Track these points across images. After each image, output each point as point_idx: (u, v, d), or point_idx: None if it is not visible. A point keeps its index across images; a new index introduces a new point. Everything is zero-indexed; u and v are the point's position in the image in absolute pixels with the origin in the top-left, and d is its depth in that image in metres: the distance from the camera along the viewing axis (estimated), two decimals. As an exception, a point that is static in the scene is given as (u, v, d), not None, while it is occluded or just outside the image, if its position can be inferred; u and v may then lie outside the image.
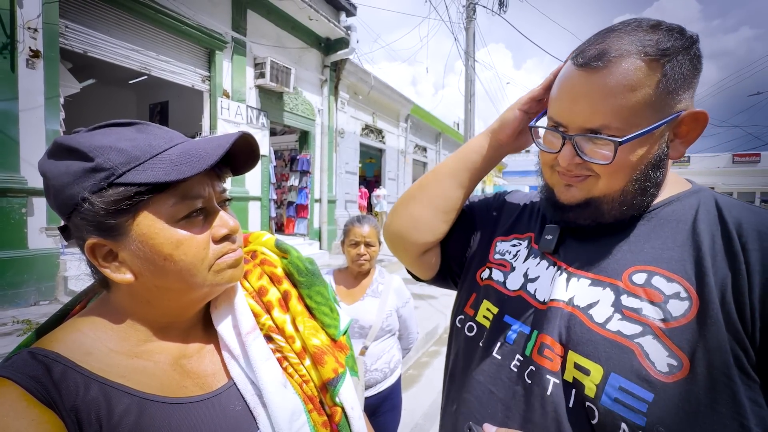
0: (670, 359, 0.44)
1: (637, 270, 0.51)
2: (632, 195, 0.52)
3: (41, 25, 3.50)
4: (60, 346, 0.41)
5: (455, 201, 0.71)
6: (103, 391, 0.40)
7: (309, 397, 0.52)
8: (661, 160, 0.51)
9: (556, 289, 0.56)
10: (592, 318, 0.51)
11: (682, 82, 0.47)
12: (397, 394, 1.60)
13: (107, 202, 0.41)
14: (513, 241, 0.68)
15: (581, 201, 0.55)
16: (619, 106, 0.46)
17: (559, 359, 0.51)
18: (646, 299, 0.48)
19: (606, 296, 0.51)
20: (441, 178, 0.73)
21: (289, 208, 7.62)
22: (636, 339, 0.46)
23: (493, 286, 0.64)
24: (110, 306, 0.47)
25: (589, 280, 0.54)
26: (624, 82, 0.45)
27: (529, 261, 0.63)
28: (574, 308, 0.53)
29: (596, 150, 0.49)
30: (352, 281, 1.61)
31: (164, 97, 8.54)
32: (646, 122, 0.47)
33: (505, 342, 0.58)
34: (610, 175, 0.51)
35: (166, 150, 0.44)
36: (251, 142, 0.50)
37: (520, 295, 0.60)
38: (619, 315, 0.49)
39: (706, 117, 0.49)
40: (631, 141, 0.47)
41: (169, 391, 0.44)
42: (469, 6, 7.49)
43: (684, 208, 0.53)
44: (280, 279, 0.57)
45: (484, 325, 0.63)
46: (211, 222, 0.47)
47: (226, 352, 0.51)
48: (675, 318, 0.46)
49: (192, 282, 0.45)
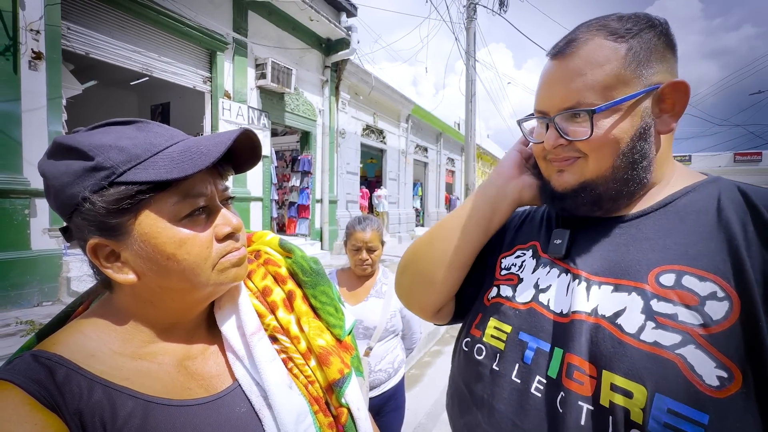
0: (719, 370, 0.39)
1: (664, 270, 0.45)
2: (623, 170, 0.50)
3: (43, 27, 3.51)
4: (63, 349, 0.40)
5: (468, 256, 0.65)
6: (107, 394, 0.39)
7: (315, 398, 0.52)
8: (646, 132, 0.50)
9: (576, 300, 0.50)
10: (622, 328, 0.45)
11: (651, 54, 0.48)
12: (400, 394, 1.59)
13: (108, 202, 0.40)
14: (516, 252, 0.64)
15: (576, 186, 0.53)
16: (591, 81, 0.49)
17: (592, 381, 0.45)
18: (680, 303, 0.43)
19: (633, 302, 0.45)
20: (449, 236, 0.65)
21: (291, 209, 7.62)
22: (677, 350, 0.41)
23: (502, 303, 0.58)
24: (113, 307, 0.46)
25: (611, 286, 0.48)
26: (592, 60, 0.49)
27: (539, 271, 0.58)
28: (599, 318, 0.47)
29: (576, 128, 0.51)
30: (356, 282, 1.60)
31: (166, 98, 8.56)
32: (619, 94, 0.48)
33: (523, 363, 0.52)
34: (596, 152, 0.50)
35: (167, 148, 0.43)
36: (253, 138, 0.49)
37: (532, 307, 0.55)
38: (652, 323, 0.43)
39: (686, 86, 0.48)
40: (605, 111, 0.48)
41: (174, 394, 0.44)
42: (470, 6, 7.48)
43: (703, 198, 0.49)
44: (285, 279, 0.56)
45: (496, 346, 0.55)
46: (214, 220, 0.47)
47: (231, 353, 0.50)
48: (716, 322, 0.40)
49: (195, 281, 0.45)
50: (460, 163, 15.84)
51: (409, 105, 10.42)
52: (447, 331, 4.22)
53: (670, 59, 0.50)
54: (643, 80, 0.48)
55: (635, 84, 0.48)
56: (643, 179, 0.52)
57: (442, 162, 13.97)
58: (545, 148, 0.54)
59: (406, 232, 11.08)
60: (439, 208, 14.13)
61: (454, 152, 15.31)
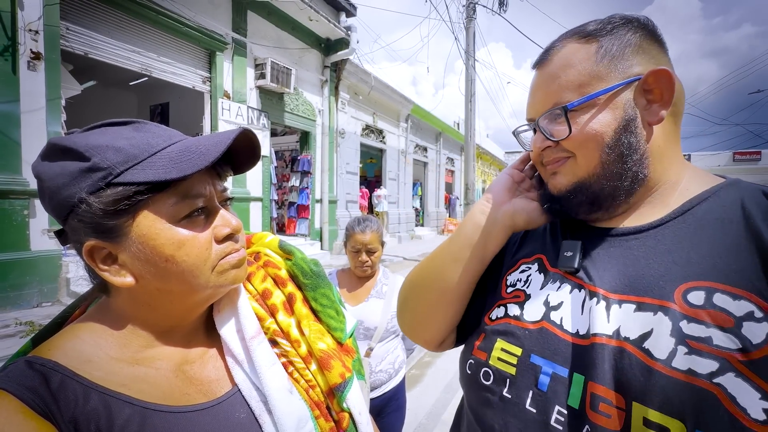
0: (765, 402, 0.35)
1: (692, 287, 0.41)
2: (613, 165, 0.49)
3: (42, 27, 3.50)
4: (58, 354, 0.40)
5: (466, 289, 0.61)
6: (103, 401, 0.38)
7: (316, 403, 0.51)
8: (630, 124, 0.48)
9: (595, 320, 0.45)
10: (651, 354, 0.40)
11: (625, 48, 0.49)
12: (401, 395, 1.59)
13: (105, 203, 0.39)
14: (521, 267, 0.59)
15: (570, 187, 0.52)
16: (565, 81, 0.50)
17: (620, 414, 0.40)
18: (714, 324, 0.38)
19: (661, 324, 0.41)
20: (443, 268, 0.63)
21: (290, 209, 7.62)
22: (715, 379, 0.36)
23: (509, 322, 0.53)
24: (110, 311, 0.45)
25: (633, 305, 0.44)
26: (565, 62, 0.51)
27: (548, 286, 0.53)
28: (623, 341, 0.42)
29: (557, 128, 0.51)
30: (356, 283, 1.60)
31: (165, 98, 8.56)
32: (593, 89, 0.49)
33: (538, 390, 0.47)
34: (581, 148, 0.50)
35: (165, 148, 0.43)
36: (252, 138, 0.48)
37: (543, 326, 0.50)
38: (684, 347, 0.39)
39: (667, 73, 0.47)
40: (579, 106, 0.49)
41: (172, 399, 0.43)
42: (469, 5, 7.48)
43: (725, 204, 0.45)
44: (285, 281, 0.55)
45: (505, 370, 0.50)
46: (213, 221, 0.46)
47: (230, 357, 0.49)
48: (757, 346, 0.36)
49: (195, 284, 0.44)
50: (460, 162, 15.83)
51: (408, 105, 10.41)
52: (447, 331, 4.21)
53: (652, 51, 0.50)
54: (618, 74, 0.48)
55: (610, 78, 0.48)
56: (638, 174, 0.49)
57: (441, 162, 13.96)
58: (537, 152, 0.55)
59: (405, 232, 11.08)
60: (439, 208, 14.12)
61: (454, 152, 15.30)
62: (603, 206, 0.52)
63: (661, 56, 0.50)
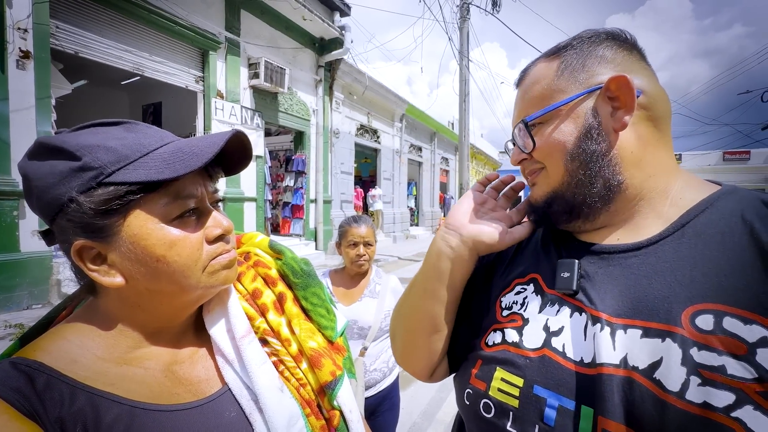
0: None
1: (699, 310, 0.39)
2: (579, 173, 0.50)
3: (31, 26, 3.46)
4: (44, 355, 0.39)
5: (443, 320, 0.59)
6: (91, 400, 0.38)
7: (306, 401, 0.51)
8: (592, 132, 0.49)
9: (600, 348, 0.42)
10: (663, 385, 0.37)
11: (587, 60, 0.50)
12: (395, 394, 1.60)
13: (96, 202, 0.39)
14: (516, 288, 0.55)
15: (546, 197, 0.54)
16: (531, 98, 0.54)
17: None
18: (726, 352, 0.36)
19: (670, 351, 0.38)
20: (416, 300, 0.61)
21: (285, 209, 7.59)
22: (733, 413, 0.34)
23: (508, 349, 0.50)
24: (98, 311, 0.45)
25: (639, 330, 0.41)
26: (532, 80, 0.54)
27: (547, 309, 0.50)
28: (631, 371, 0.40)
29: (526, 140, 0.54)
30: (349, 282, 1.60)
31: (157, 97, 8.48)
32: (553, 102, 0.51)
33: (544, 424, 0.43)
34: (548, 159, 0.52)
35: (157, 149, 0.43)
36: (244, 140, 0.49)
37: (545, 354, 0.46)
38: (697, 378, 0.36)
39: (625, 78, 0.46)
40: (537, 119, 0.52)
41: (161, 399, 0.43)
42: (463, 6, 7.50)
43: (724, 216, 0.43)
44: (275, 281, 0.56)
45: (507, 402, 0.47)
46: (204, 222, 0.46)
47: (220, 356, 0.49)
48: None
49: (185, 284, 0.44)
50: (455, 162, 15.88)
51: (403, 104, 10.42)
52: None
53: (618, 60, 0.50)
54: (578, 84, 0.50)
55: (570, 90, 0.50)
56: (610, 180, 0.48)
57: (436, 161, 14.00)
58: (515, 165, 0.59)
59: (400, 232, 11.10)
60: (434, 208, 14.16)
61: (449, 152, 15.35)
62: (581, 215, 0.51)
63: (631, 63, 0.50)
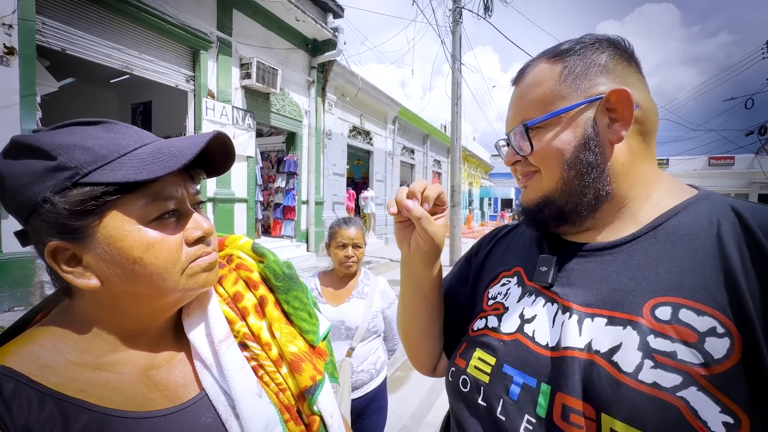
0: (725, 415, 0.36)
1: (660, 302, 0.43)
2: (573, 182, 0.51)
3: (16, 22, 3.38)
4: (13, 360, 0.38)
5: (431, 321, 0.67)
6: (60, 407, 0.37)
7: (286, 407, 0.51)
8: (590, 143, 0.49)
9: (567, 334, 0.47)
10: (619, 367, 0.41)
11: (590, 68, 0.50)
12: (383, 396, 1.59)
13: (71, 203, 0.38)
14: (502, 281, 0.61)
15: (538, 201, 0.54)
16: (531, 100, 0.53)
17: (590, 424, 0.41)
18: (679, 339, 0.40)
19: (630, 338, 0.42)
20: (402, 315, 0.70)
21: (276, 210, 7.54)
22: (678, 392, 0.38)
23: (487, 333, 0.55)
24: (73, 315, 0.44)
25: (604, 319, 0.45)
26: (533, 82, 0.54)
27: (524, 300, 0.55)
28: (593, 354, 0.44)
29: (524, 143, 0.54)
30: (338, 283, 1.60)
31: (147, 96, 8.37)
32: (554, 108, 0.51)
33: (509, 398, 0.48)
34: (544, 164, 0.52)
35: (135, 149, 0.42)
36: (226, 142, 0.48)
37: (517, 338, 0.51)
38: (650, 361, 0.40)
39: (626, 93, 0.47)
40: (539, 124, 0.52)
41: (134, 405, 0.42)
42: (456, 10, 7.56)
43: (694, 219, 0.46)
44: (257, 284, 0.55)
45: (480, 379, 0.52)
46: (184, 224, 0.46)
47: (198, 361, 0.48)
48: (718, 361, 0.37)
49: (163, 287, 0.43)
50: (447, 164, 15.96)
51: (395, 107, 10.45)
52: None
53: (619, 70, 0.50)
54: (580, 93, 0.50)
55: (572, 97, 0.50)
56: (601, 191, 0.50)
57: (428, 164, 14.05)
58: (509, 166, 0.59)
59: (392, 234, 11.09)
60: (426, 210, 14.19)
61: (441, 154, 15.42)
62: (569, 220, 0.53)
63: (629, 75, 0.51)
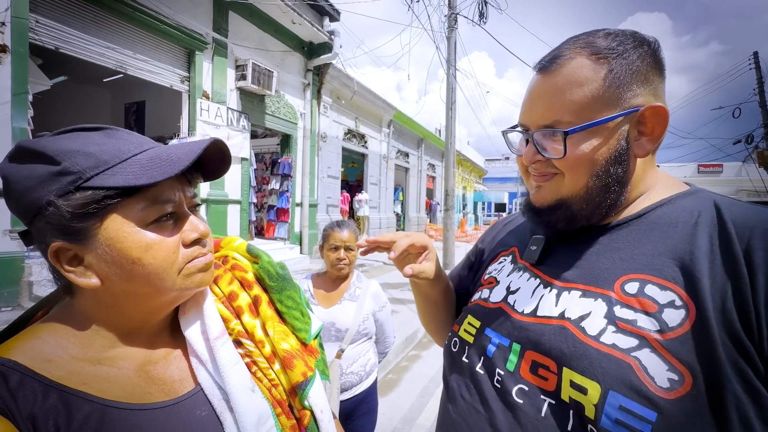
0: (671, 373, 0.41)
1: (630, 279, 0.47)
2: (596, 192, 0.51)
3: (9, 19, 3.36)
4: (18, 354, 0.40)
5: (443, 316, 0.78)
6: (63, 398, 0.39)
7: (278, 401, 0.53)
8: (622, 156, 0.50)
9: (544, 304, 0.53)
10: (585, 331, 0.47)
11: (633, 77, 0.48)
12: (373, 398, 1.60)
13: (74, 206, 0.40)
14: (500, 259, 0.68)
15: (552, 203, 0.54)
16: (569, 101, 0.49)
17: (553, 377, 0.47)
18: (641, 310, 0.45)
19: (598, 307, 0.48)
20: (421, 312, 0.83)
21: (270, 212, 7.52)
22: (633, 353, 0.43)
23: (479, 303, 0.63)
24: (73, 312, 0.46)
25: (579, 292, 0.51)
26: (572, 79, 0.49)
27: (513, 274, 0.61)
28: (565, 320, 0.49)
29: (553, 145, 0.51)
30: (330, 285, 1.62)
31: (141, 96, 8.32)
32: (596, 115, 0.49)
33: (486, 356, 0.55)
34: (571, 170, 0.51)
35: (135, 155, 0.44)
36: (222, 148, 0.50)
37: (501, 306, 0.58)
38: (613, 327, 0.45)
39: (665, 111, 0.48)
40: (579, 132, 0.49)
41: (133, 398, 0.44)
42: (451, 16, 7.65)
43: (676, 211, 0.50)
44: (251, 284, 0.57)
45: (467, 339, 0.60)
46: (182, 226, 0.48)
47: (194, 357, 0.51)
48: (672, 328, 0.42)
49: (161, 286, 0.45)
50: (441, 168, 16.05)
51: (391, 110, 10.50)
52: (425, 335, 4.25)
53: (655, 81, 0.50)
54: (622, 103, 0.48)
55: (613, 106, 0.48)
56: (616, 202, 0.52)
57: (423, 167, 14.12)
58: (527, 163, 0.56)
59: (386, 237, 11.10)
60: (420, 213, 14.25)
61: (435, 158, 15.50)
62: (577, 224, 0.55)
63: (660, 86, 0.51)
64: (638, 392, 0.41)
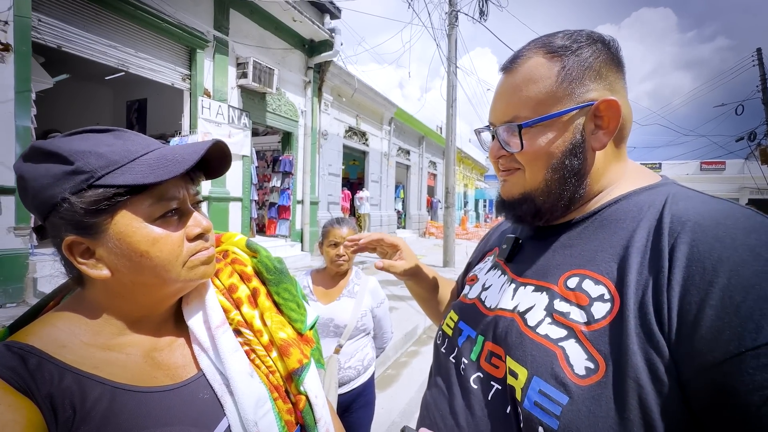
0: (588, 362, 0.43)
1: (573, 274, 0.50)
2: (555, 185, 0.53)
3: (12, 18, 3.40)
4: (35, 340, 0.43)
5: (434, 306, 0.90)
6: (77, 380, 0.42)
7: (275, 387, 0.56)
8: (577, 149, 0.52)
9: (503, 298, 0.57)
10: (526, 322, 0.51)
11: (585, 72, 0.51)
12: (370, 391, 1.64)
13: (87, 203, 0.43)
14: (486, 259, 0.73)
15: (518, 196, 0.57)
16: (526, 97, 0.52)
17: (501, 364, 0.52)
18: (575, 303, 0.47)
19: (542, 301, 0.51)
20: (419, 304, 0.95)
21: (271, 210, 7.56)
22: (560, 342, 0.46)
23: (461, 299, 0.68)
24: (85, 301, 0.49)
25: (533, 287, 0.54)
26: (528, 77, 0.53)
27: (490, 272, 0.66)
28: (515, 313, 0.53)
29: (514, 140, 0.54)
30: (330, 281, 1.65)
31: (142, 94, 8.35)
32: (550, 110, 0.51)
33: (458, 346, 0.61)
34: (529, 164, 0.54)
35: (143, 155, 0.47)
36: (224, 149, 0.53)
37: (475, 302, 0.63)
38: (549, 319, 0.49)
39: (617, 104, 0.50)
40: (534, 126, 0.52)
41: (141, 381, 0.47)
42: (451, 13, 7.64)
43: (628, 207, 0.51)
44: (250, 277, 0.61)
45: (447, 332, 0.66)
46: (186, 222, 0.51)
47: (196, 345, 0.54)
48: (596, 320, 0.45)
49: (166, 277, 0.49)
50: (442, 166, 16.05)
51: (392, 108, 10.51)
52: (424, 331, 4.29)
53: (610, 77, 0.52)
54: (575, 97, 0.51)
55: (566, 101, 0.51)
56: (576, 194, 0.54)
57: (424, 165, 14.13)
58: (493, 158, 0.60)
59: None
60: (421, 211, 14.27)
61: (436, 156, 15.50)
62: (543, 218, 0.58)
63: (616, 82, 0.52)
64: (556, 378, 0.44)
